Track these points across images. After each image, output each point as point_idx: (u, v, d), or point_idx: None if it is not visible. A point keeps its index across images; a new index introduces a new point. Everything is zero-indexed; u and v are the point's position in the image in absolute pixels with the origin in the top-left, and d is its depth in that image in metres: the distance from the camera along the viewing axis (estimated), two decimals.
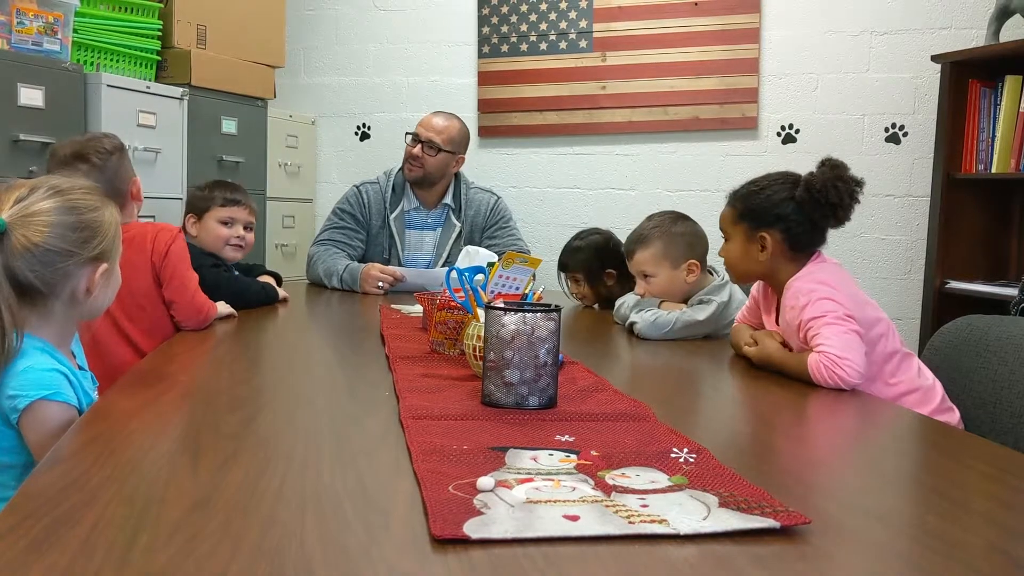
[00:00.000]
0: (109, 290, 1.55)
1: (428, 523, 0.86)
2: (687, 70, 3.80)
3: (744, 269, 1.97)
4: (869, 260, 3.70)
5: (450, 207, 3.35)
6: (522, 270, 1.95)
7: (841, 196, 1.81)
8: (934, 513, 1.00)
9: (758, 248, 1.90)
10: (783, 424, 1.53)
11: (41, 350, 1.44)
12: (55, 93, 2.72)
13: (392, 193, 3.32)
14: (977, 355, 1.85)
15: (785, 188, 1.88)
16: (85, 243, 1.44)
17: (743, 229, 1.93)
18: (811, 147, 3.71)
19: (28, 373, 1.38)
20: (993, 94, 3.22)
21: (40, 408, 1.37)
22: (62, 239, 1.41)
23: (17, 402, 1.36)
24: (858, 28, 3.66)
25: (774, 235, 1.88)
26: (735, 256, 1.97)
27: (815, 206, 1.83)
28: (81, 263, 1.45)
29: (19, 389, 1.37)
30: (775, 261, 1.89)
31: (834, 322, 1.71)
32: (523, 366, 1.36)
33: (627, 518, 0.89)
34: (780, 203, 1.87)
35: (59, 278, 1.43)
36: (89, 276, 1.47)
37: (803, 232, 1.87)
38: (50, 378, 1.40)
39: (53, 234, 1.40)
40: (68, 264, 1.43)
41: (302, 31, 4.20)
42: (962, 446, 1.36)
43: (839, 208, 1.82)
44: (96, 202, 1.50)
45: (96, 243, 1.46)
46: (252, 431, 1.25)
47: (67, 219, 1.43)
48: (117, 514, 0.88)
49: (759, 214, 1.90)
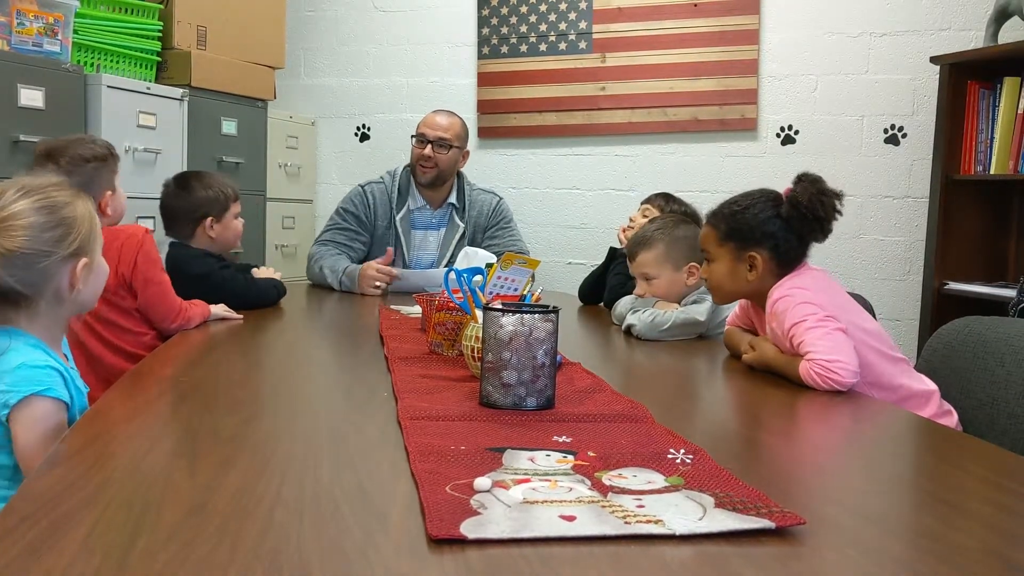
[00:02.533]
0: (94, 285, 1.55)
1: (425, 523, 0.87)
2: (686, 71, 3.80)
3: (730, 290, 1.96)
4: (868, 261, 3.70)
5: (454, 206, 3.35)
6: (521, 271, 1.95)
7: (827, 210, 1.82)
8: (930, 515, 1.01)
9: (746, 268, 1.89)
10: (779, 425, 1.53)
11: (35, 346, 1.44)
12: (55, 94, 2.73)
13: (397, 194, 3.32)
14: (975, 356, 1.85)
15: (768, 206, 1.88)
16: (61, 240, 1.44)
17: (730, 250, 1.92)
18: (810, 148, 3.72)
19: (21, 370, 1.38)
20: (992, 95, 3.22)
21: (32, 404, 1.37)
22: (37, 240, 1.41)
23: (8, 397, 1.36)
24: (857, 30, 3.66)
25: (763, 253, 1.88)
26: (721, 277, 1.95)
27: (803, 221, 1.83)
28: (60, 261, 1.45)
29: (11, 385, 1.37)
30: (762, 280, 1.88)
31: (816, 325, 1.70)
32: (521, 367, 1.36)
33: (623, 518, 0.89)
34: (767, 221, 1.87)
35: (40, 279, 1.43)
36: (71, 272, 1.47)
37: (791, 248, 1.86)
38: (44, 374, 1.40)
39: (28, 237, 1.40)
40: (46, 263, 1.43)
41: (302, 32, 4.21)
42: (959, 448, 1.36)
43: (825, 222, 1.83)
44: (67, 197, 1.49)
45: (72, 239, 1.45)
46: (250, 433, 1.26)
47: (40, 219, 1.42)
48: (115, 517, 0.88)
49: (746, 234, 1.89)
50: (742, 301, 2.03)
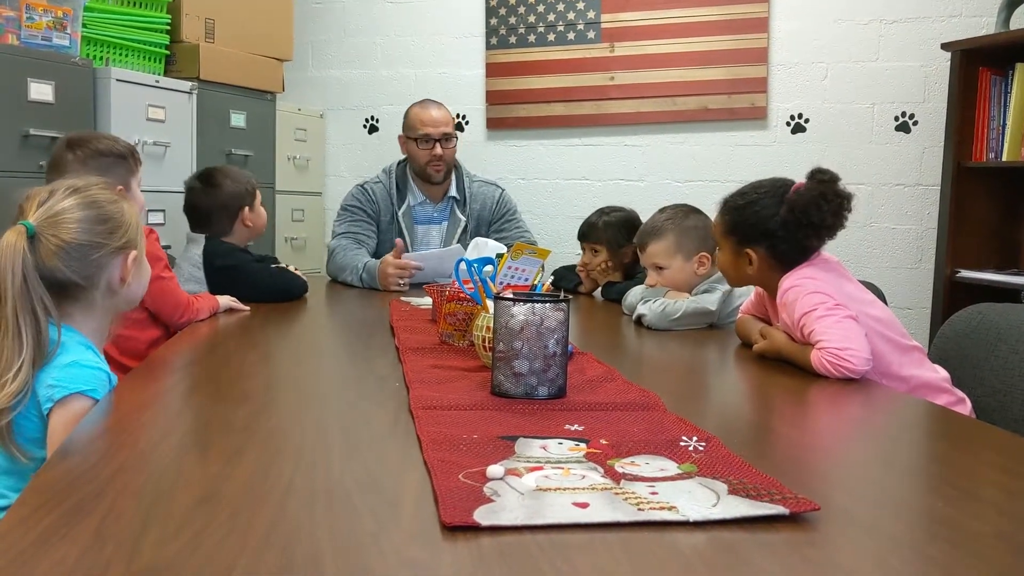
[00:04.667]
0: (141, 279, 1.62)
1: (438, 511, 0.87)
2: (696, 60, 3.78)
3: (736, 277, 1.99)
4: (879, 250, 3.69)
5: (455, 199, 3.32)
6: (531, 261, 1.95)
7: (823, 216, 1.78)
8: (942, 501, 1.00)
9: (746, 262, 1.90)
10: (791, 413, 1.52)
11: (87, 347, 1.48)
12: (65, 88, 2.73)
13: (396, 190, 3.29)
14: (988, 344, 1.84)
15: (773, 203, 1.85)
16: (111, 233, 1.52)
17: (731, 243, 1.93)
18: (820, 137, 3.70)
19: (73, 367, 1.41)
20: (1003, 82, 3.19)
21: (75, 402, 1.38)
22: (90, 232, 1.48)
23: (54, 392, 1.38)
24: (867, 16, 3.64)
25: (759, 252, 1.87)
26: (725, 266, 1.99)
27: (797, 226, 1.81)
28: (111, 253, 1.52)
29: (60, 380, 1.39)
30: (763, 273, 1.89)
31: (826, 314, 1.69)
32: (532, 356, 1.36)
33: (636, 505, 0.89)
34: (767, 219, 1.85)
35: (94, 270, 1.50)
36: (121, 264, 1.54)
37: (788, 249, 1.84)
38: (93, 376, 1.43)
39: (81, 229, 1.47)
40: (99, 255, 1.50)
41: (310, 24, 4.20)
42: (971, 434, 1.36)
43: (822, 228, 1.80)
44: (113, 195, 1.57)
45: (122, 232, 1.53)
46: (261, 423, 1.26)
47: (90, 213, 1.49)
48: (127, 507, 0.89)
49: (745, 230, 1.89)
50: (758, 289, 2.02)
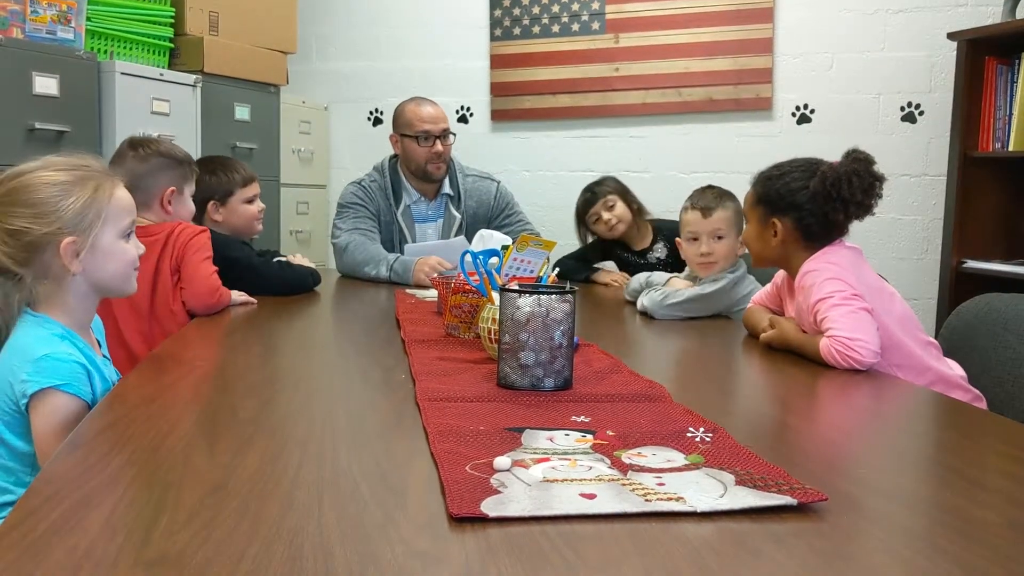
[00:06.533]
0: (106, 265, 1.50)
1: (445, 502, 0.87)
2: (701, 51, 3.78)
3: (758, 251, 1.96)
4: (886, 240, 3.68)
5: (449, 196, 3.26)
6: (537, 252, 1.95)
7: (854, 192, 1.78)
8: (951, 491, 1.00)
9: (771, 233, 1.89)
10: (799, 403, 1.52)
11: (62, 337, 1.45)
12: (69, 81, 2.73)
13: (391, 189, 3.22)
14: (995, 334, 1.84)
15: (804, 176, 1.85)
16: (38, 218, 1.42)
17: (759, 213, 1.92)
18: (826, 127, 3.69)
19: (45, 361, 1.39)
20: (1010, 72, 3.18)
21: (49, 397, 1.38)
22: (15, 216, 1.42)
23: (27, 387, 1.37)
24: (873, 6, 3.62)
25: (785, 223, 1.86)
26: (750, 238, 1.97)
27: (827, 199, 1.80)
28: (40, 238, 1.43)
29: (32, 375, 1.38)
30: (787, 248, 1.88)
31: (841, 303, 1.69)
32: (538, 348, 1.36)
33: (644, 496, 0.89)
34: (796, 192, 1.85)
35: (25, 255, 1.43)
36: (57, 251, 1.44)
37: (815, 223, 1.84)
38: (66, 368, 1.40)
39: (8, 213, 1.42)
40: (28, 239, 1.42)
41: (314, 17, 4.20)
42: (979, 425, 1.35)
43: (851, 204, 1.80)
44: (62, 176, 1.46)
45: (52, 219, 1.43)
46: (269, 415, 1.26)
47: (20, 197, 1.43)
48: (136, 497, 0.89)
49: (773, 200, 1.88)
50: (777, 279, 2.02)
